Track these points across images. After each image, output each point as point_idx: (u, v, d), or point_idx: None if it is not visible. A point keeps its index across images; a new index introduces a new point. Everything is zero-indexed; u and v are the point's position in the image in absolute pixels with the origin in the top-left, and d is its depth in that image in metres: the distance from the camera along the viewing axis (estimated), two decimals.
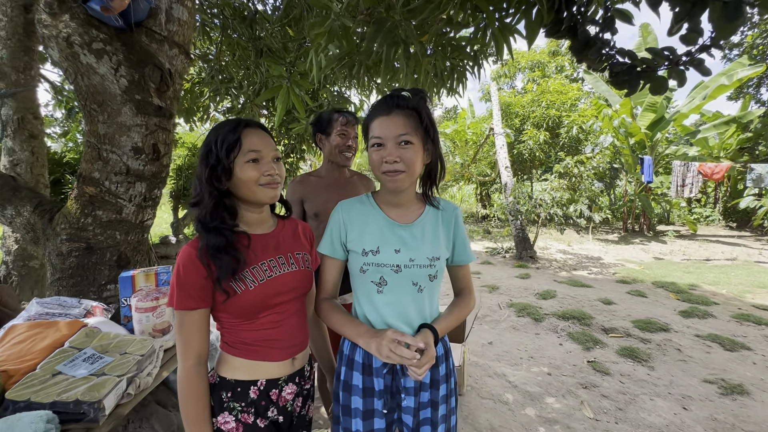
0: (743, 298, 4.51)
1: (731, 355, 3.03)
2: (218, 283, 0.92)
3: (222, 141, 0.94)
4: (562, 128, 9.49)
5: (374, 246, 1.03)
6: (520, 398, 2.46)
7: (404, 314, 1.03)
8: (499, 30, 2.34)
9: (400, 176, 0.97)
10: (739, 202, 9.08)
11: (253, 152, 0.96)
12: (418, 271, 1.02)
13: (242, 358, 1.00)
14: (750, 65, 7.74)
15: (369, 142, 1.00)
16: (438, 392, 1.06)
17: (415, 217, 1.07)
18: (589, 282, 5.22)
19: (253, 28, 3.59)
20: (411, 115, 0.97)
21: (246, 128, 0.97)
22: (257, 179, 0.96)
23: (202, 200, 0.97)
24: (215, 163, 0.94)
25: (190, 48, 2.11)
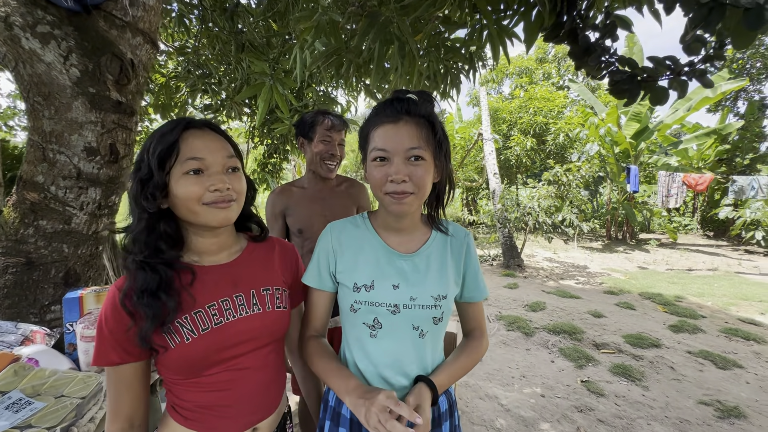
0: (728, 310, 4.51)
1: (724, 374, 2.96)
2: (143, 339, 0.71)
3: (155, 147, 0.73)
4: (548, 135, 9.51)
5: (368, 280, 0.84)
6: (514, 424, 2.31)
7: (402, 365, 0.84)
8: (496, 32, 2.20)
9: (408, 198, 0.79)
10: (717, 212, 9.28)
11: (194, 160, 0.74)
12: (420, 313, 0.84)
13: (183, 427, 0.79)
14: (730, 79, 7.91)
15: (370, 154, 0.81)
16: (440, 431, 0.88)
17: (418, 246, 0.89)
18: (577, 292, 5.15)
19: (234, 21, 3.36)
20: (423, 125, 0.80)
21: (187, 129, 0.75)
22: (200, 196, 0.74)
23: (131, 224, 0.76)
24: (146, 176, 0.73)
25: (157, 37, 1.87)
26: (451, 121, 11.41)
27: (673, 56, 2.31)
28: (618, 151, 9.18)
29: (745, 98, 11.03)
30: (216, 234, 0.82)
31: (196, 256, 0.82)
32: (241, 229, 0.93)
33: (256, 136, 6.72)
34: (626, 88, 2.38)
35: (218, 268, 0.82)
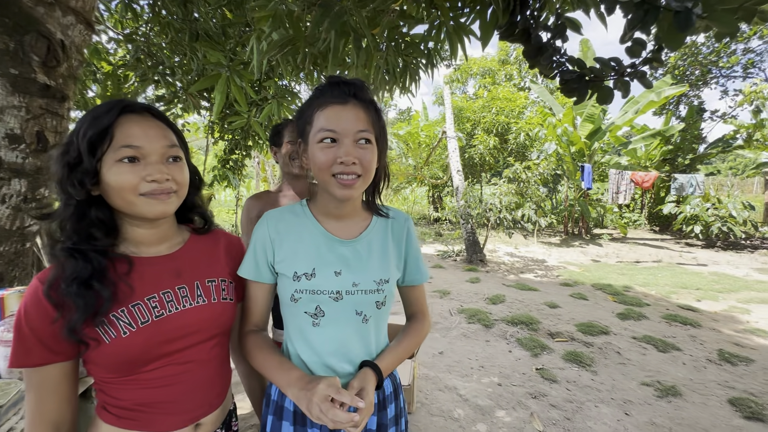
0: (669, 298, 4.86)
1: (664, 356, 3.18)
2: (71, 331, 0.65)
3: (86, 128, 0.67)
4: (510, 134, 9.83)
5: (309, 268, 0.82)
6: (471, 413, 2.36)
7: (346, 351, 0.83)
8: (453, 29, 2.24)
9: (357, 182, 0.77)
10: (662, 208, 9.98)
11: (129, 148, 0.68)
12: (363, 298, 0.83)
13: (117, 427, 0.73)
14: (673, 84, 8.52)
15: (315, 135, 0.78)
16: (386, 414, 0.88)
17: (359, 231, 0.88)
18: (536, 285, 5.36)
19: (188, 8, 3.19)
20: (370, 110, 0.80)
21: (124, 113, 0.69)
22: (135, 186, 0.69)
23: (58, 210, 0.69)
24: (74, 160, 0.67)
25: (92, 17, 1.74)
26: (417, 119, 11.53)
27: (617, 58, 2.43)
28: (574, 150, 9.65)
29: (686, 103, 11.93)
30: (154, 225, 0.77)
31: (133, 246, 0.76)
32: (184, 220, 0.87)
33: (216, 131, 6.46)
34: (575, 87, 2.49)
35: (159, 260, 0.78)
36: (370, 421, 0.85)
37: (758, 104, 8.28)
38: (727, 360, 3.11)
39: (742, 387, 2.72)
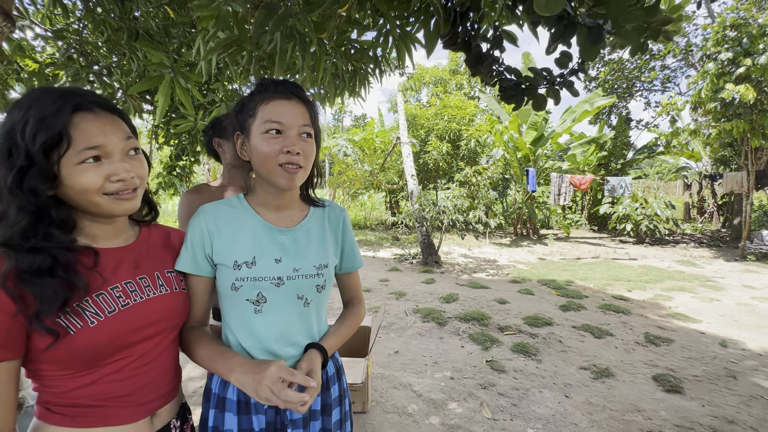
0: (605, 290, 5.30)
1: (599, 342, 3.46)
2: (38, 320, 0.61)
3: (35, 131, 0.62)
4: (462, 141, 10.26)
5: (249, 257, 0.84)
6: (425, 407, 2.43)
7: (289, 335, 0.86)
8: (400, 36, 2.33)
9: (298, 172, 0.81)
10: (598, 209, 10.87)
11: (91, 149, 0.66)
12: (304, 282, 0.86)
13: (69, 427, 0.70)
14: (603, 96, 9.37)
15: (260, 126, 0.80)
16: (330, 419, 0.92)
17: (298, 221, 0.91)
18: (487, 283, 5.61)
19: (126, 6, 3.04)
20: (310, 108, 0.85)
21: (77, 112, 0.65)
22: (100, 187, 0.67)
23: (5, 215, 0.64)
24: (25, 164, 0.62)
25: (11, 8, 1.62)
26: (372, 125, 11.68)
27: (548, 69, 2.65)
28: (520, 156, 10.26)
29: (617, 113, 13.15)
30: (114, 220, 0.76)
31: (90, 240, 0.74)
32: None
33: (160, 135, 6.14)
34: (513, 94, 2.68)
35: (116, 251, 0.76)
36: (315, 401, 0.88)
37: (673, 115, 9.34)
38: (652, 342, 3.45)
39: (664, 364, 3.03)
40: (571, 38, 1.96)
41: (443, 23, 2.38)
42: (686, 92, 10.71)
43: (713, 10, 9.33)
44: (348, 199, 11.76)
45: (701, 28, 9.52)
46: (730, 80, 6.77)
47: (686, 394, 2.61)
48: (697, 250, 8.63)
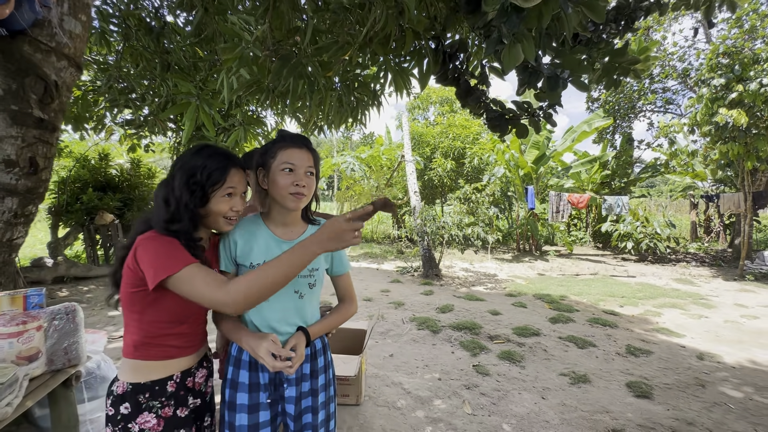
0: (597, 305, 5.50)
1: (582, 352, 3.70)
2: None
3: (209, 174, 1.05)
4: (465, 158, 10.60)
5: (260, 260, 1.16)
6: (412, 403, 2.71)
7: (287, 318, 1.18)
8: (396, 72, 2.70)
9: (303, 198, 1.15)
10: (601, 226, 11.02)
11: (230, 188, 1.10)
12: (299, 281, 1.19)
13: (158, 360, 1.07)
14: (603, 117, 9.67)
15: (279, 165, 1.14)
16: (317, 381, 1.23)
17: (298, 235, 1.24)
18: (483, 296, 5.86)
19: (161, 42, 3.50)
20: (313, 155, 1.20)
21: (233, 168, 1.10)
22: (226, 212, 1.10)
23: (179, 218, 1.05)
24: (197, 189, 1.05)
25: (81, 61, 2.04)
26: (380, 143, 12.13)
27: (529, 102, 3.02)
28: (522, 174, 10.55)
29: (621, 132, 13.39)
30: (208, 232, 1.20)
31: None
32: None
33: (181, 152, 6.62)
34: (498, 124, 3.05)
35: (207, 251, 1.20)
36: (305, 366, 1.20)
37: (671, 137, 9.58)
38: (632, 353, 3.67)
39: (639, 373, 3.25)
40: (536, 84, 2.33)
41: (433, 63, 2.78)
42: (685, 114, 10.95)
43: (711, 34, 9.63)
44: None
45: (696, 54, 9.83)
46: (723, 105, 7.02)
47: (654, 399, 2.83)
48: (697, 269, 8.72)
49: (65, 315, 1.66)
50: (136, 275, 1.00)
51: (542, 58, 2.31)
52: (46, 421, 1.96)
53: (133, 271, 1.00)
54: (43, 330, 1.58)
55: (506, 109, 2.97)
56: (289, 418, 1.18)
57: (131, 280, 1.02)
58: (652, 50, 3.28)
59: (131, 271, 1.01)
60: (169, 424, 1.07)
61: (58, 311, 1.65)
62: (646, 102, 11.87)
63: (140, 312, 1.04)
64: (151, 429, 1.04)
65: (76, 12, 1.92)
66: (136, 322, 1.05)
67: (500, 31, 1.55)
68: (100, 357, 2.11)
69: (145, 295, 1.01)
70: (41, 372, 1.58)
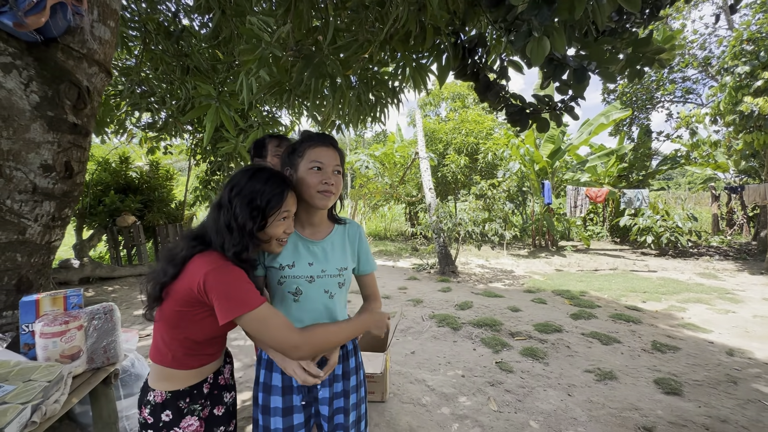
0: (619, 301, 5.41)
1: (606, 348, 3.64)
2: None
3: (268, 199, 1.05)
4: (479, 154, 10.51)
5: (290, 261, 1.17)
6: (437, 400, 2.71)
7: (317, 318, 1.18)
8: (415, 69, 2.69)
9: (331, 197, 1.16)
10: (619, 220, 10.81)
11: (287, 212, 1.10)
12: (329, 280, 1.19)
13: (195, 368, 1.10)
14: (621, 109, 9.45)
15: (307, 164, 1.14)
16: (349, 383, 1.23)
17: (325, 235, 1.24)
18: (502, 293, 5.81)
19: (179, 45, 3.55)
20: (340, 154, 1.20)
21: (289, 192, 1.10)
22: (280, 235, 1.10)
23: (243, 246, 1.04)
24: (257, 215, 1.04)
25: (110, 66, 2.08)
26: (393, 140, 12.11)
27: (550, 95, 2.99)
28: (537, 168, 10.40)
29: (638, 124, 13.08)
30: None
31: None
32: None
33: (198, 153, 6.73)
34: (518, 119, 3.01)
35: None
36: (337, 368, 1.21)
37: (692, 127, 9.30)
38: (658, 349, 3.60)
39: (667, 370, 3.19)
40: (561, 77, 2.29)
41: (453, 59, 2.75)
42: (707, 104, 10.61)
43: (733, 21, 9.30)
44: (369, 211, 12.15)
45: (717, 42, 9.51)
46: (748, 93, 6.80)
47: (685, 396, 2.77)
48: (721, 263, 8.49)
49: (103, 314, 1.71)
50: (198, 300, 0.99)
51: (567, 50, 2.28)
52: (84, 417, 2.03)
53: (198, 295, 0.98)
54: (83, 329, 1.63)
55: (527, 104, 2.94)
56: (322, 419, 1.20)
57: (188, 301, 1.00)
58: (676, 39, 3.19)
59: (194, 294, 0.98)
60: (210, 424, 1.11)
61: (97, 311, 1.70)
62: (665, 92, 11.56)
63: (185, 329, 1.04)
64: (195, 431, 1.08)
65: (105, 18, 1.96)
66: (178, 338, 1.05)
67: (530, 24, 1.53)
68: (134, 355, 2.17)
69: (194, 314, 1.02)
70: (83, 370, 1.62)
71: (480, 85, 2.98)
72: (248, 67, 2.34)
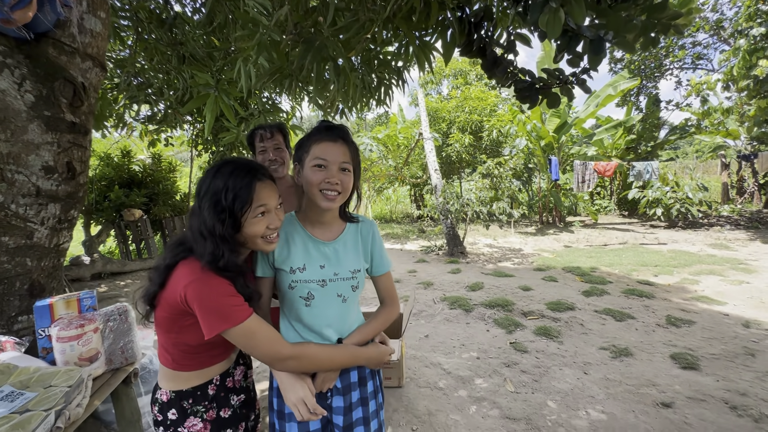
0: (630, 275, 5.37)
1: (620, 325, 3.62)
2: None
3: (234, 196, 0.95)
4: (484, 132, 10.32)
5: (300, 264, 1.10)
6: (453, 383, 2.72)
7: (330, 324, 1.11)
8: (419, 48, 2.58)
9: (337, 198, 1.07)
10: (627, 193, 10.67)
11: (261, 206, 0.99)
12: (342, 284, 1.11)
13: (195, 370, 1.07)
14: (629, 78, 9.17)
15: (310, 161, 1.07)
16: (366, 389, 1.17)
17: (337, 234, 1.16)
18: (512, 272, 5.79)
19: (173, 33, 3.43)
20: (351, 149, 1.11)
21: (258, 182, 0.99)
22: (263, 233, 1.00)
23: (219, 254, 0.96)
24: (227, 217, 0.95)
25: (104, 60, 2.00)
26: (395, 121, 11.90)
27: (560, 69, 2.86)
28: (543, 144, 10.21)
29: (645, 94, 12.72)
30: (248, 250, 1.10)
31: None
32: None
33: (200, 143, 6.65)
34: (527, 95, 2.90)
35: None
36: (353, 374, 1.15)
37: (703, 95, 9.02)
38: (673, 324, 3.58)
39: (683, 344, 3.17)
40: (576, 49, 2.18)
41: (459, 34, 2.63)
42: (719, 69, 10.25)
43: None
44: (373, 194, 12.08)
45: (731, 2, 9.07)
46: (763, 56, 6.53)
47: (702, 370, 2.76)
48: (733, 233, 8.38)
49: (118, 316, 1.70)
50: (183, 310, 0.95)
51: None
52: (107, 414, 2.05)
53: (182, 306, 0.94)
54: (99, 331, 1.62)
55: (536, 79, 2.82)
56: (337, 429, 1.12)
57: (175, 309, 0.96)
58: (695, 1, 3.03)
59: (179, 305, 0.94)
60: (215, 426, 1.09)
61: (112, 312, 1.69)
62: (675, 59, 11.17)
63: (179, 333, 1.01)
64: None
65: (95, 9, 1.87)
66: (174, 342, 1.03)
67: None
68: (152, 352, 2.18)
69: (183, 321, 0.98)
70: (102, 372, 1.62)
71: (487, 62, 2.86)
72: (247, 54, 2.24)
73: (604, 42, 2.03)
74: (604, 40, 2.03)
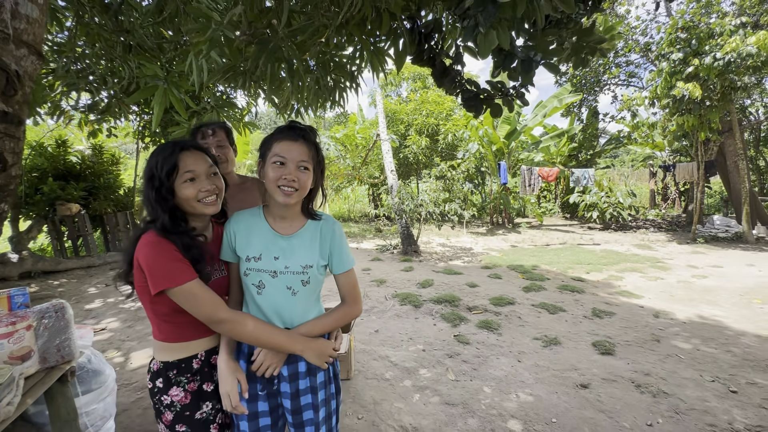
0: (566, 273, 5.87)
1: (553, 317, 3.99)
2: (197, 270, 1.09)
3: (162, 165, 1.08)
4: (440, 135, 10.69)
5: (257, 253, 1.17)
6: (399, 374, 2.88)
7: (279, 314, 1.18)
8: (372, 53, 2.70)
9: (294, 194, 1.14)
10: (569, 198, 11.54)
11: (189, 172, 1.11)
12: (292, 277, 1.17)
13: (177, 342, 1.16)
14: (571, 92, 9.94)
15: (270, 158, 1.14)
16: (316, 379, 1.23)
17: (296, 230, 1.22)
18: (461, 270, 6.10)
19: (118, 19, 3.28)
20: (312, 148, 1.18)
21: (182, 151, 1.12)
22: (195, 196, 1.12)
23: (157, 216, 1.10)
24: (159, 185, 1.08)
25: (42, 48, 1.92)
26: (354, 121, 11.99)
27: (502, 81, 3.09)
28: (495, 149, 10.78)
29: (587, 105, 13.80)
30: (203, 219, 1.22)
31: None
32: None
33: (147, 136, 6.33)
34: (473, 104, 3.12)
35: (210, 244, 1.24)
36: (300, 364, 1.21)
37: (633, 109, 10.01)
38: (597, 315, 4.00)
39: (604, 333, 3.57)
40: (511, 65, 2.41)
41: (409, 44, 2.79)
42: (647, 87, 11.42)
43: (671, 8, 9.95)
44: (332, 193, 12.07)
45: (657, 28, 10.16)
46: (680, 78, 7.38)
47: (616, 355, 3.14)
48: (655, 235, 9.37)
49: (54, 313, 1.66)
50: (142, 275, 1.07)
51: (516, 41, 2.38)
52: (39, 417, 1.97)
53: (141, 271, 1.07)
54: (33, 329, 1.58)
55: (481, 89, 3.05)
56: (287, 413, 1.20)
57: (140, 278, 1.08)
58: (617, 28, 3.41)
59: (139, 271, 1.07)
60: (196, 397, 1.17)
61: (47, 309, 1.64)
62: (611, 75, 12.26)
63: (151, 302, 1.11)
64: (180, 401, 1.15)
65: None
66: (150, 310, 1.13)
67: (477, 19, 1.60)
68: (90, 351, 2.12)
69: (147, 287, 1.08)
70: (35, 370, 1.58)
71: (437, 71, 3.05)
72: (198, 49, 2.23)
73: (533, 62, 2.27)
74: (533, 61, 2.27)
